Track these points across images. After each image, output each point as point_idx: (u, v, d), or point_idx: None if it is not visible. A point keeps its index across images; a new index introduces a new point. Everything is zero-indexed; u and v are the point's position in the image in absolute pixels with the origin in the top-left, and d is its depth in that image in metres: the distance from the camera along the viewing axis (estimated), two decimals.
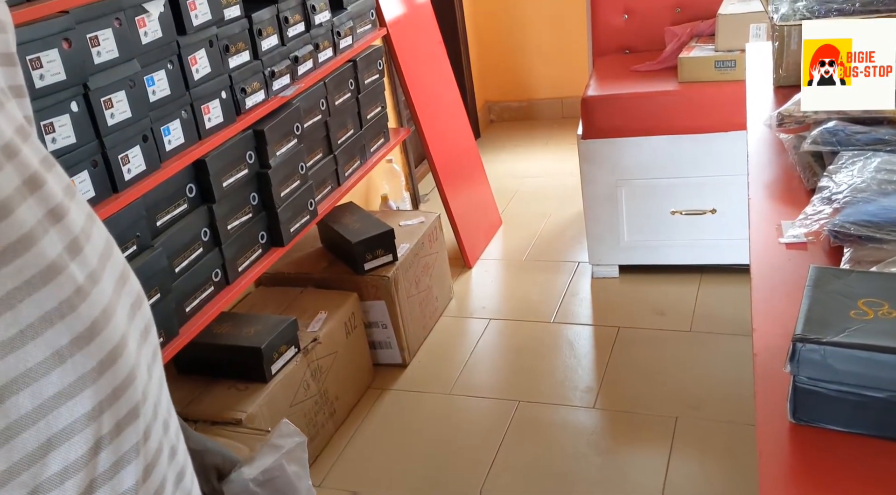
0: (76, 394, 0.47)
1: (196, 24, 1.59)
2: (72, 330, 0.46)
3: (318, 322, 2.06)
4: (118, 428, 0.50)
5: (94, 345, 0.48)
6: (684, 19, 2.61)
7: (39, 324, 0.45)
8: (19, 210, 0.46)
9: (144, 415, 0.52)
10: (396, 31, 2.61)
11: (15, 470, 0.44)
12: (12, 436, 0.44)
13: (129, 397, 0.50)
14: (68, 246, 0.48)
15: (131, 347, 0.52)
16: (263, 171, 1.85)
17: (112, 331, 0.50)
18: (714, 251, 2.49)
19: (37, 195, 0.48)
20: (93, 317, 0.48)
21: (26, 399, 0.44)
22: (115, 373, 0.49)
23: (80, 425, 0.47)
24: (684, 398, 2.04)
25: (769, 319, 0.89)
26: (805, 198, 1.10)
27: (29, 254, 0.45)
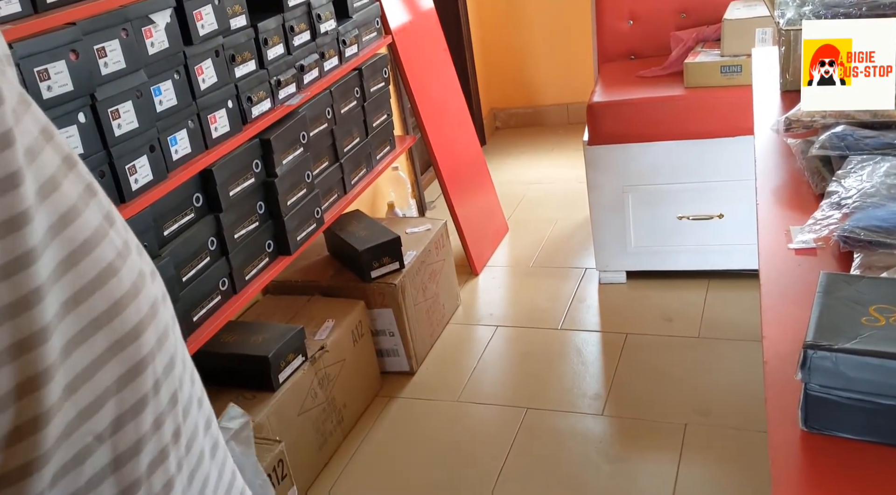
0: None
1: (202, 34, 1.59)
2: (123, 326, 0.50)
3: (326, 330, 2.06)
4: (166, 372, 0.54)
5: (124, 316, 0.51)
6: (690, 24, 2.60)
7: (102, 317, 0.49)
8: (64, 184, 0.49)
9: (185, 370, 0.57)
10: (402, 39, 2.62)
11: (109, 393, 0.49)
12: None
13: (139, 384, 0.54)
14: (105, 216, 0.52)
15: (148, 300, 0.55)
16: (270, 180, 1.85)
17: (140, 301, 0.53)
18: (722, 256, 2.48)
19: (75, 171, 0.51)
20: (124, 290, 0.52)
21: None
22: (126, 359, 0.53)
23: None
24: (693, 404, 2.03)
25: (779, 326, 0.89)
26: (814, 203, 1.10)
27: (76, 223, 0.50)
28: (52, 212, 0.48)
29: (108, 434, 0.51)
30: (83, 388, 0.48)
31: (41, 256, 0.46)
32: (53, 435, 0.46)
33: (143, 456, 0.53)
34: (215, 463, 0.63)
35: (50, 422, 0.46)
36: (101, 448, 0.50)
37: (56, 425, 0.46)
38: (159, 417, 0.55)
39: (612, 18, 2.73)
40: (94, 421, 0.49)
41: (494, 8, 3.90)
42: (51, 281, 0.46)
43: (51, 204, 0.48)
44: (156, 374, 0.54)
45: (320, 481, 1.96)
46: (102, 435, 0.50)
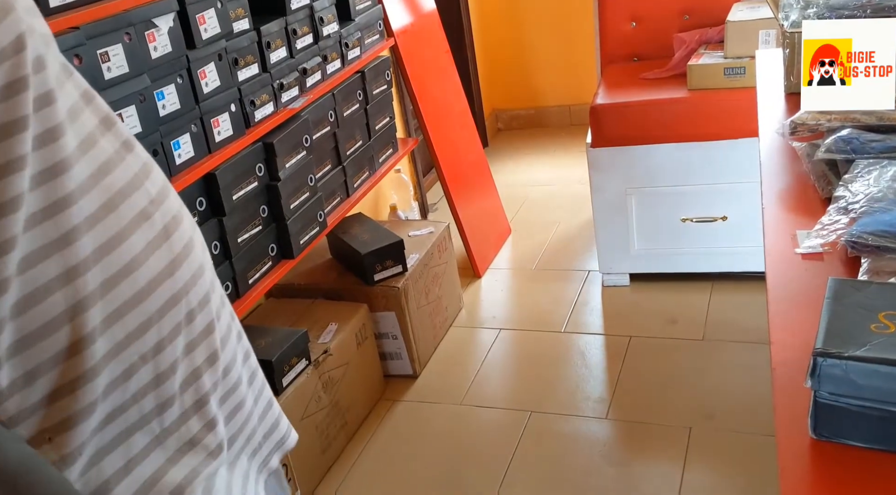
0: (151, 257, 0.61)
1: (205, 38, 1.59)
2: (158, 264, 0.60)
3: (329, 333, 2.05)
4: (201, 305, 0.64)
5: (157, 255, 0.61)
6: (692, 26, 2.60)
7: (139, 257, 0.59)
8: (101, 141, 0.59)
9: (221, 304, 0.67)
10: (404, 41, 2.61)
11: (153, 321, 0.59)
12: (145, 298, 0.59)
13: (201, 285, 0.65)
14: (141, 170, 0.62)
15: (182, 240, 0.65)
16: (273, 184, 1.85)
17: (181, 233, 0.64)
18: (726, 258, 2.47)
19: (112, 131, 0.61)
20: (164, 217, 0.62)
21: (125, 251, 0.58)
22: (188, 266, 0.64)
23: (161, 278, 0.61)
24: (698, 408, 2.02)
25: (787, 331, 0.88)
26: (820, 207, 1.09)
27: (112, 175, 0.59)
28: (91, 163, 0.57)
29: (151, 355, 0.60)
30: (130, 314, 0.58)
31: (79, 200, 0.54)
32: (99, 353, 0.56)
33: (178, 375, 0.62)
34: (252, 390, 0.73)
35: (95, 342, 0.55)
36: (146, 367, 0.60)
37: (100, 345, 0.56)
38: (191, 343, 0.64)
39: (615, 20, 2.72)
40: (139, 344, 0.58)
41: (496, 9, 3.90)
42: (88, 223, 0.55)
43: (91, 157, 0.57)
44: (189, 305, 0.63)
45: (324, 484, 1.96)
46: (146, 356, 0.59)
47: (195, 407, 0.65)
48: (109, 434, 0.59)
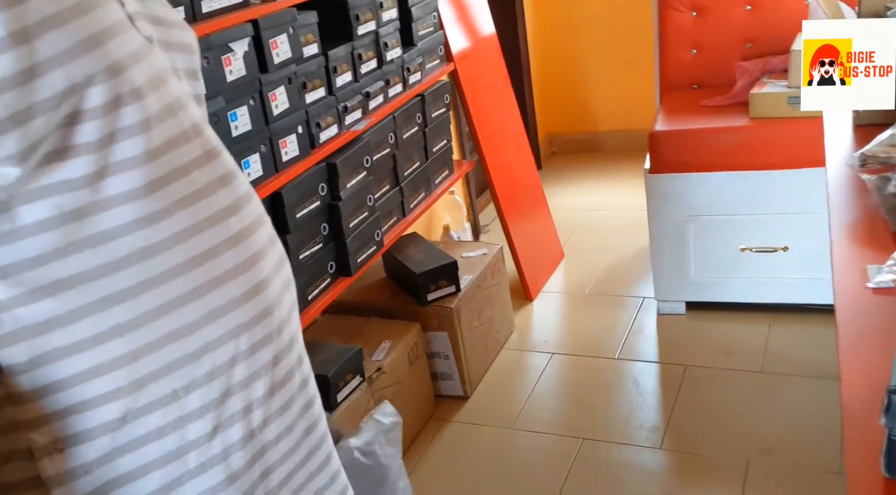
0: (225, 314, 0.63)
1: (277, 63, 1.65)
2: (224, 265, 0.63)
3: (382, 351, 2.08)
4: (253, 349, 0.65)
5: (243, 278, 0.64)
6: (755, 55, 2.57)
7: (202, 257, 0.62)
8: (196, 172, 0.63)
9: (278, 343, 0.68)
10: (463, 66, 2.65)
11: (179, 364, 0.61)
12: (178, 338, 0.61)
13: (266, 325, 0.66)
14: (233, 203, 0.66)
15: (274, 289, 0.68)
16: (335, 203, 1.90)
17: (258, 271, 0.66)
18: (786, 290, 2.42)
19: (212, 164, 0.65)
20: (244, 257, 0.65)
21: (192, 311, 0.62)
22: (256, 304, 0.65)
23: (224, 339, 0.63)
24: (755, 442, 1.98)
25: (857, 368, 0.87)
26: (891, 241, 1.07)
27: (200, 203, 0.63)
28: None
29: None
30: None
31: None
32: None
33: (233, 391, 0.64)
34: (307, 442, 0.73)
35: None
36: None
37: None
38: (279, 354, 0.67)
39: (676, 47, 2.71)
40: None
41: (554, 33, 3.93)
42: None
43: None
44: (278, 347, 0.67)
45: None
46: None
47: (228, 421, 0.66)
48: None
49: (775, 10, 2.57)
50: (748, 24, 2.62)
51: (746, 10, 2.62)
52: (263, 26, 1.60)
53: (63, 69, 0.54)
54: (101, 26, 0.57)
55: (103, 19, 0.58)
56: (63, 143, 0.56)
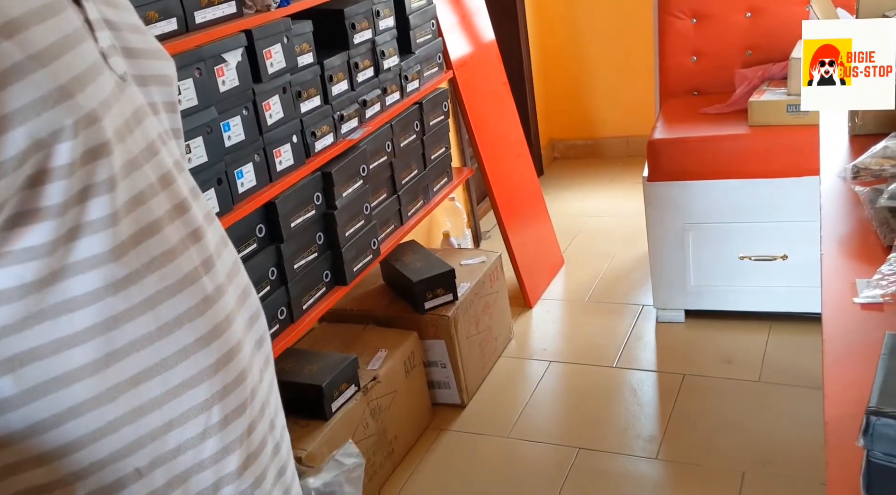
0: (195, 386, 0.57)
1: (271, 73, 1.65)
2: (196, 331, 0.58)
3: (378, 360, 2.08)
4: (226, 420, 0.60)
5: (214, 346, 0.59)
6: (755, 62, 2.56)
7: (173, 324, 0.56)
8: (167, 229, 0.57)
9: (251, 412, 0.62)
10: (462, 73, 2.65)
11: (141, 442, 0.55)
12: (144, 414, 0.55)
13: (239, 394, 0.61)
14: (203, 262, 0.60)
15: (245, 352, 0.62)
16: (330, 212, 1.90)
17: (230, 335, 0.60)
18: (785, 298, 2.41)
19: (183, 219, 0.59)
20: (216, 322, 0.59)
21: (157, 384, 0.56)
22: (227, 372, 0.60)
23: (194, 412, 0.58)
24: (753, 452, 1.96)
25: (842, 384, 0.86)
26: (882, 255, 1.06)
27: (171, 264, 0.57)
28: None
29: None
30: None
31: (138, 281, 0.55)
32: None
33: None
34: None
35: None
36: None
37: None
38: (252, 423, 0.62)
39: (676, 54, 2.71)
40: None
41: (556, 40, 3.92)
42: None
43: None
44: (252, 415, 0.61)
45: None
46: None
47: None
48: None
49: (775, 17, 2.56)
50: (748, 32, 2.61)
51: (747, 17, 2.61)
52: (257, 36, 1.61)
53: (27, 125, 0.48)
54: (72, 74, 0.52)
55: (76, 64, 0.53)
56: (25, 207, 0.50)
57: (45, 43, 0.50)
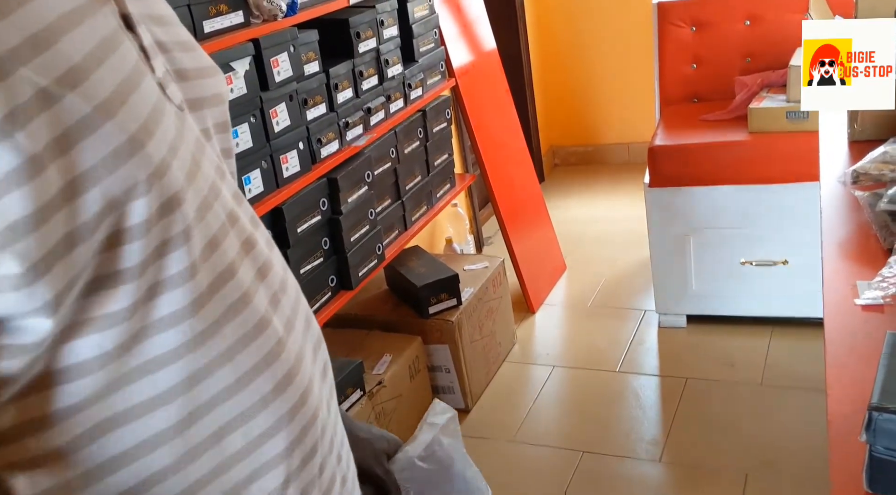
0: (274, 434, 0.54)
1: (278, 81, 1.68)
2: (274, 377, 0.54)
3: (383, 364, 2.09)
4: (303, 463, 0.57)
5: (290, 390, 0.55)
6: (754, 69, 2.59)
7: (252, 373, 0.53)
8: (240, 271, 0.53)
9: (322, 450, 0.59)
10: (465, 81, 2.68)
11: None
12: (227, 469, 0.52)
13: (313, 434, 0.58)
14: (271, 299, 0.56)
15: (315, 388, 0.59)
16: (335, 217, 1.92)
17: (303, 375, 0.57)
18: (786, 303, 2.42)
19: (251, 255, 0.55)
20: (290, 364, 0.55)
21: (238, 437, 0.52)
22: (304, 415, 0.56)
23: (276, 461, 0.55)
24: (755, 454, 1.98)
25: (844, 384, 0.88)
26: (882, 257, 1.08)
27: (247, 310, 0.53)
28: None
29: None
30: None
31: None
32: None
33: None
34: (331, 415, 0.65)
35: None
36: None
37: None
38: (324, 461, 0.58)
39: (676, 61, 2.73)
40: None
41: (557, 48, 3.96)
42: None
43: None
44: (323, 453, 0.58)
45: None
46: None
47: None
48: None
49: (774, 25, 2.59)
50: (747, 39, 2.64)
51: (746, 24, 2.64)
52: (264, 45, 1.63)
53: (101, 185, 0.44)
54: (139, 122, 0.47)
55: (141, 109, 0.47)
56: (103, 271, 0.45)
57: (109, 89, 0.45)
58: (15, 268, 0.42)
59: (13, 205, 0.41)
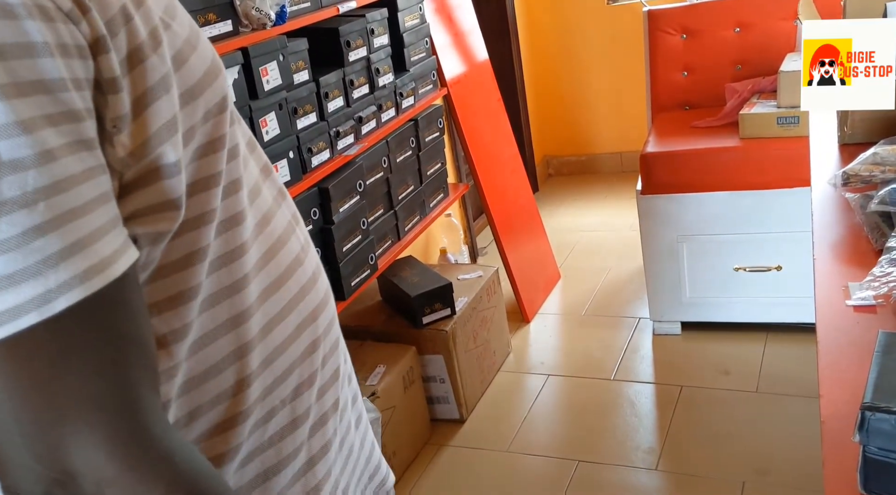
0: (311, 289, 0.66)
1: (267, 90, 1.67)
2: (307, 309, 0.65)
3: (377, 376, 2.08)
4: (329, 354, 0.68)
5: (307, 300, 0.65)
6: (744, 76, 2.60)
7: (293, 301, 0.63)
8: (264, 190, 0.64)
9: (343, 349, 0.71)
10: (457, 91, 2.68)
11: (295, 365, 0.63)
12: (287, 315, 0.63)
13: (334, 333, 0.69)
14: (293, 216, 0.67)
15: (323, 286, 0.69)
16: (327, 227, 1.91)
17: (305, 268, 0.67)
18: (780, 309, 2.42)
19: (271, 178, 0.66)
20: (309, 284, 0.66)
21: (291, 326, 0.64)
22: (325, 317, 0.67)
23: (311, 349, 0.65)
24: (751, 462, 1.97)
25: (837, 385, 0.87)
26: (873, 258, 1.08)
27: (274, 221, 0.63)
28: (257, 212, 0.61)
29: (290, 399, 0.63)
30: (279, 359, 0.61)
31: (249, 249, 0.59)
32: (254, 395, 0.59)
33: (309, 420, 0.65)
34: (359, 434, 0.75)
35: (251, 385, 0.59)
36: (284, 410, 0.62)
37: (255, 388, 0.59)
38: (322, 387, 0.66)
39: (666, 69, 2.74)
40: (283, 388, 0.62)
41: (549, 58, 3.97)
42: (255, 270, 0.59)
43: (256, 206, 0.61)
44: (324, 350, 0.67)
45: None
46: (286, 400, 0.62)
47: (321, 452, 0.67)
48: (248, 474, 0.61)
49: (763, 32, 2.61)
50: (737, 47, 2.65)
51: (735, 32, 2.65)
52: (253, 54, 1.63)
53: (202, 97, 0.56)
54: (213, 50, 0.60)
55: (209, 45, 0.61)
56: (203, 174, 0.56)
57: (189, 25, 0.57)
58: (173, 157, 0.52)
59: (164, 107, 0.51)
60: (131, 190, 0.50)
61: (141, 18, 0.50)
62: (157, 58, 0.51)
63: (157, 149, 0.51)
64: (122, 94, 0.48)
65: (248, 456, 0.60)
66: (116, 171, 0.49)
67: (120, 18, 0.49)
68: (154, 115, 0.50)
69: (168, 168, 0.51)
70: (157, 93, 0.51)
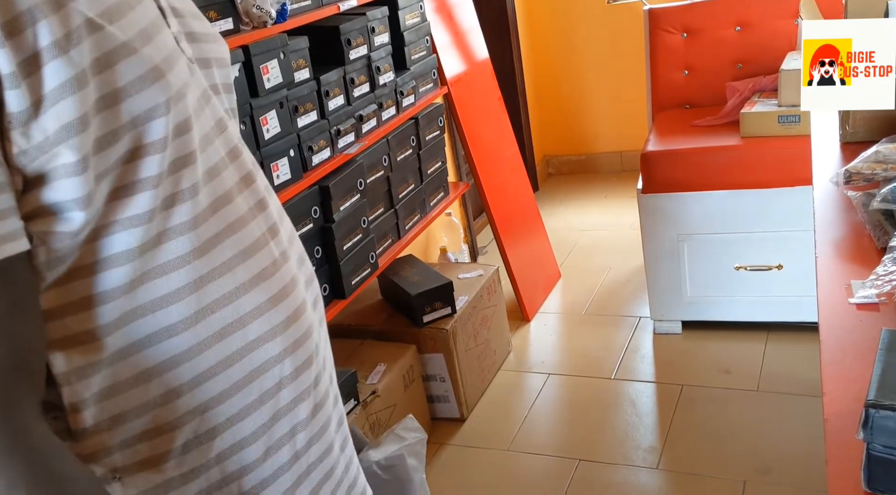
0: (269, 340, 0.64)
1: (268, 88, 1.67)
2: (269, 291, 0.64)
3: (377, 374, 2.08)
4: (297, 372, 0.66)
5: (283, 304, 0.65)
6: (745, 75, 2.60)
7: (248, 285, 0.62)
8: (238, 199, 0.64)
9: (317, 365, 0.69)
10: (457, 89, 2.68)
11: (229, 393, 0.62)
12: (228, 366, 0.62)
13: (306, 348, 0.67)
14: (270, 229, 0.67)
15: (308, 311, 0.69)
16: (327, 226, 1.90)
17: (296, 295, 0.67)
18: (781, 308, 2.42)
19: (250, 189, 0.66)
20: (284, 283, 0.65)
21: (237, 339, 0.62)
22: (297, 328, 0.66)
23: (269, 364, 0.64)
24: (752, 461, 1.96)
25: (840, 383, 0.87)
26: (876, 257, 1.08)
27: (243, 231, 0.63)
28: (210, 194, 0.61)
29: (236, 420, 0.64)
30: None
31: (199, 227, 0.60)
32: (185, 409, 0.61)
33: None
34: (343, 457, 0.74)
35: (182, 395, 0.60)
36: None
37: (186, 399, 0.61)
38: (318, 375, 0.68)
39: (667, 68, 2.74)
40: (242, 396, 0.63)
41: (550, 57, 3.97)
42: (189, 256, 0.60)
43: (211, 188, 0.61)
44: (317, 368, 0.68)
45: None
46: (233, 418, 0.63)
47: (290, 462, 0.68)
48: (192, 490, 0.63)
49: (764, 31, 2.60)
50: (738, 45, 2.65)
51: (736, 31, 2.65)
52: (254, 52, 1.62)
53: (128, 101, 0.54)
54: (162, 56, 0.58)
55: (163, 47, 0.58)
56: (126, 180, 0.56)
57: (137, 28, 0.56)
58: (71, 157, 0.52)
59: (67, 108, 0.51)
60: (31, 187, 0.52)
61: (57, 20, 0.51)
62: (67, 59, 0.51)
63: (54, 148, 0.52)
64: (18, 91, 0.50)
65: (190, 472, 0.61)
66: (15, 167, 0.51)
67: (26, 18, 0.50)
68: (55, 115, 0.51)
69: (67, 168, 0.52)
70: (61, 93, 0.51)
